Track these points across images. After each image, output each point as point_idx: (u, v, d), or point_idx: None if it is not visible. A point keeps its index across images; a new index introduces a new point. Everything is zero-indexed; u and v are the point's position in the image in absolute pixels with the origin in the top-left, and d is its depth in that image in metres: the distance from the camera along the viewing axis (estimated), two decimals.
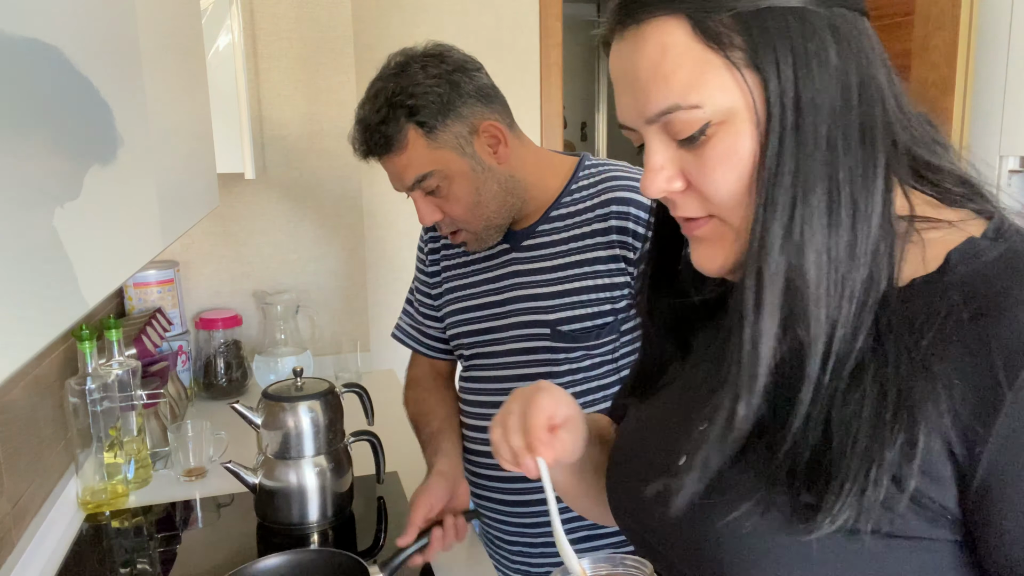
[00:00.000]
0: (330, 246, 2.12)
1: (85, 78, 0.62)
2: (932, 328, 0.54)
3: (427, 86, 1.12)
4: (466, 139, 1.14)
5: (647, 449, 0.72)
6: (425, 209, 1.18)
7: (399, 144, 1.13)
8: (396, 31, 2.42)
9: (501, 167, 1.17)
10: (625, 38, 0.59)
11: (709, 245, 0.62)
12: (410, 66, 1.14)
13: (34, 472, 1.29)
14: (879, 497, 0.52)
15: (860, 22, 0.58)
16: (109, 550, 1.28)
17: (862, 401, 0.54)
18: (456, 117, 1.13)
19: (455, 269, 1.32)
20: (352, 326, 2.17)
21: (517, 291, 1.23)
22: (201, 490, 1.47)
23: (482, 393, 1.29)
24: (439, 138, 1.13)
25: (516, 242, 1.24)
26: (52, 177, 0.55)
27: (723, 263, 0.62)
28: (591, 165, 1.24)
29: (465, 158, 1.14)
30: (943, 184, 0.61)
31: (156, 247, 0.85)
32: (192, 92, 1.19)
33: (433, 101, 1.11)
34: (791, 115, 0.55)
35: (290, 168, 2.05)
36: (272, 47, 1.98)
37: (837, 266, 0.56)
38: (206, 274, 2.05)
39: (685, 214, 0.62)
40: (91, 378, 1.36)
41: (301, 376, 1.31)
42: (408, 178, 1.15)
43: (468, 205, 1.16)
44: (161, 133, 0.92)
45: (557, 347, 1.19)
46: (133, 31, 0.80)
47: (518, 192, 1.20)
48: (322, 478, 1.28)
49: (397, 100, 1.12)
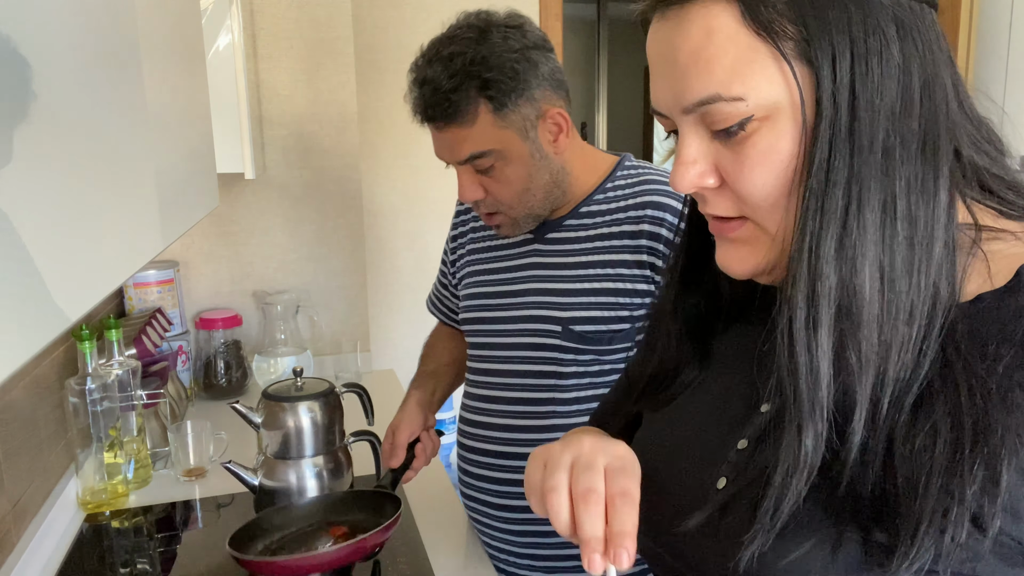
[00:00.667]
0: (330, 246, 2.12)
1: None
2: (1009, 351, 0.50)
3: (507, 59, 1.05)
4: (532, 123, 1.09)
5: (673, 465, 0.67)
6: (469, 185, 1.12)
7: (466, 116, 1.06)
8: (396, 31, 2.42)
9: (556, 157, 1.13)
10: (668, 18, 0.54)
11: (740, 247, 0.58)
12: (491, 34, 1.06)
13: (34, 472, 1.29)
14: (960, 538, 0.48)
15: (927, 15, 0.52)
16: (109, 550, 1.28)
17: (934, 433, 0.50)
18: (528, 98, 1.07)
19: (477, 253, 1.29)
20: (352, 326, 2.17)
21: (533, 283, 1.20)
22: (201, 490, 1.47)
23: (483, 386, 1.26)
24: (507, 117, 1.07)
25: (540, 234, 1.20)
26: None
27: (754, 267, 0.58)
28: (631, 166, 1.20)
29: (527, 143, 1.09)
30: (1003, 194, 0.57)
31: (156, 247, 0.85)
32: (192, 92, 1.19)
33: (510, 77, 1.05)
34: (845, 116, 0.50)
35: (290, 168, 2.05)
36: (272, 47, 1.98)
37: (893, 285, 0.51)
38: (206, 274, 2.05)
39: (716, 212, 0.58)
40: (91, 378, 1.35)
41: (301, 376, 1.31)
42: (463, 152, 1.09)
43: (517, 191, 1.12)
44: (161, 133, 0.92)
45: (567, 347, 1.16)
46: (133, 31, 0.80)
47: (564, 185, 1.16)
48: (322, 478, 1.28)
49: (474, 70, 1.04)
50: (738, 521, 0.57)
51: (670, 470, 0.67)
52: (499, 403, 1.23)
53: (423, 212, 2.53)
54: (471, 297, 1.28)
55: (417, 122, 1.12)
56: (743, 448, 0.60)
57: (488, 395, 1.25)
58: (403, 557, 1.21)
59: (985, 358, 0.51)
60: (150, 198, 0.84)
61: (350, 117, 2.07)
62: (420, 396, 1.28)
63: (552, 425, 1.18)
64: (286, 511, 1.18)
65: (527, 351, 1.20)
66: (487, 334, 1.25)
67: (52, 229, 0.54)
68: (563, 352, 1.16)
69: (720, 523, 0.59)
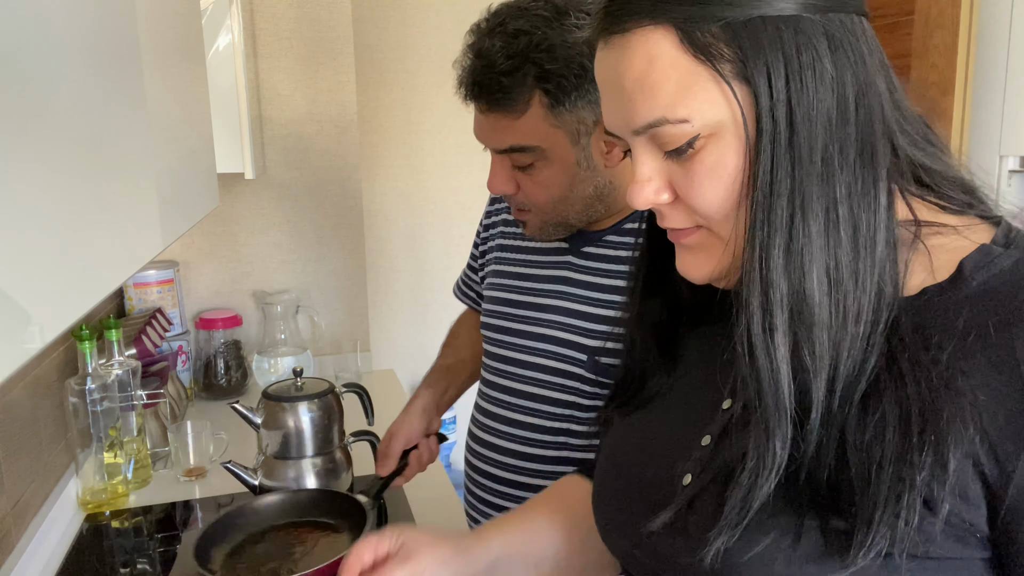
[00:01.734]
0: (330, 246, 2.12)
1: None
2: (952, 341, 0.52)
3: (576, 50, 0.91)
4: (587, 128, 0.96)
5: (641, 464, 0.69)
6: (502, 176, 1.01)
7: (516, 105, 0.94)
8: (396, 31, 2.42)
9: (606, 170, 1.01)
10: (611, 45, 0.57)
11: (697, 253, 0.60)
12: (567, 17, 0.92)
13: (34, 472, 1.29)
14: (913, 522, 0.50)
15: (857, 25, 0.55)
16: (109, 550, 1.28)
17: (883, 423, 0.52)
18: (588, 101, 0.94)
19: (507, 251, 1.17)
20: (352, 326, 2.17)
21: (562, 301, 1.08)
22: (201, 490, 1.47)
23: (495, 403, 1.15)
24: (561, 116, 0.95)
25: (576, 245, 1.08)
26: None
27: (711, 272, 0.60)
28: None
29: (576, 148, 0.97)
30: (942, 189, 0.59)
31: (156, 247, 0.85)
32: (192, 92, 1.19)
33: (574, 72, 0.92)
34: (784, 131, 0.53)
35: (290, 168, 2.05)
36: (272, 47, 1.98)
37: (840, 287, 0.53)
38: (206, 274, 2.05)
39: (673, 225, 0.60)
40: (91, 378, 1.36)
41: (301, 376, 1.31)
42: (504, 141, 0.98)
43: (553, 196, 1.01)
44: (161, 133, 0.92)
45: (590, 379, 1.04)
46: (133, 31, 0.80)
47: (609, 201, 1.04)
48: (322, 478, 1.28)
49: (537, 57, 0.92)
50: (705, 516, 0.59)
51: (638, 469, 0.68)
52: (510, 425, 1.12)
53: (423, 212, 2.53)
54: (493, 301, 1.17)
55: (460, 96, 1.00)
56: (707, 444, 0.62)
57: (500, 414, 1.14)
58: None
59: (929, 349, 0.53)
60: (150, 198, 0.84)
61: (350, 117, 2.07)
62: (427, 400, 1.24)
63: (563, 458, 1.08)
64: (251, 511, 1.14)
65: (547, 375, 1.08)
66: (506, 346, 1.14)
67: (52, 229, 0.54)
68: (586, 384, 1.05)
69: (688, 519, 0.60)
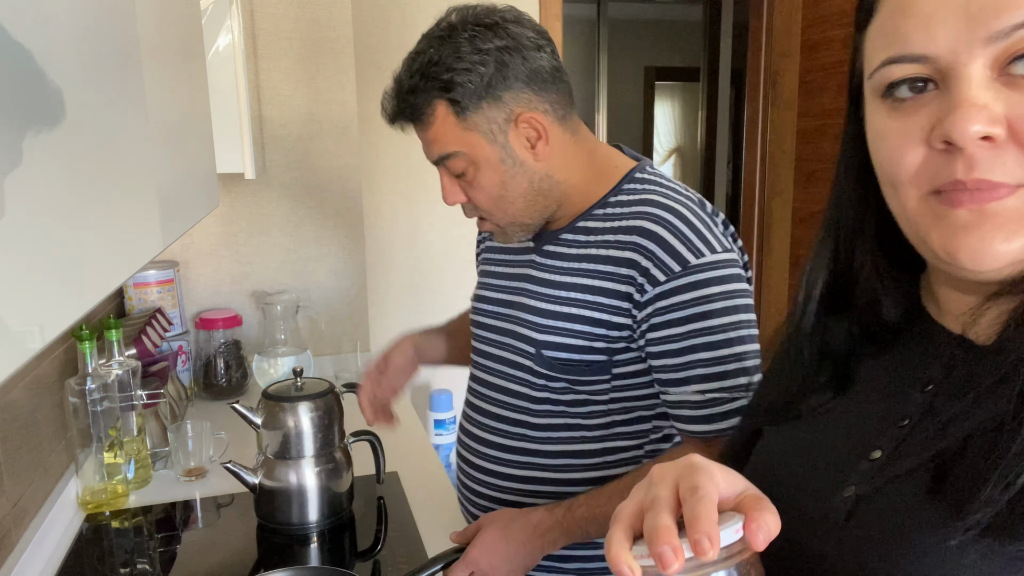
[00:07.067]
0: (330, 246, 2.12)
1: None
2: None
3: (470, 62, 1.00)
4: (500, 127, 1.03)
5: (797, 475, 0.62)
6: (449, 188, 1.10)
7: (426, 118, 1.05)
8: (396, 31, 2.42)
9: (537, 164, 1.06)
10: None
11: (1006, 224, 0.48)
12: (458, 34, 1.01)
13: (34, 472, 1.29)
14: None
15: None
16: (109, 550, 1.28)
17: None
18: (494, 101, 1.02)
19: (492, 252, 1.26)
20: (352, 326, 2.17)
21: (522, 297, 1.14)
22: (201, 490, 1.47)
23: (475, 395, 1.23)
24: (469, 120, 1.03)
25: (539, 244, 1.14)
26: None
27: (1021, 245, 0.49)
28: (640, 179, 1.09)
29: (495, 146, 1.04)
30: None
31: (156, 247, 0.85)
32: (192, 92, 1.19)
33: (472, 80, 1.00)
34: None
35: (290, 168, 2.05)
36: (272, 47, 1.98)
37: None
38: (206, 274, 2.05)
39: (994, 176, 0.48)
40: (91, 378, 1.36)
41: (301, 376, 1.31)
42: (433, 154, 1.08)
43: (492, 196, 1.07)
44: (161, 133, 0.92)
45: (538, 371, 1.09)
46: (133, 31, 0.80)
47: (554, 194, 1.08)
48: (322, 478, 1.28)
49: (433, 72, 1.02)
50: (865, 530, 0.54)
51: (792, 478, 0.62)
52: (482, 415, 1.20)
53: (423, 212, 2.53)
54: (475, 299, 1.26)
55: (386, 123, 1.12)
56: (876, 458, 0.57)
57: (478, 405, 1.22)
58: (403, 556, 1.21)
59: None
60: (150, 198, 0.84)
61: (350, 117, 2.07)
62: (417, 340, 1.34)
63: (523, 448, 1.13)
64: None
65: (505, 367, 1.15)
66: (479, 340, 1.22)
67: (52, 229, 0.54)
68: (534, 376, 1.10)
69: (844, 531, 0.55)
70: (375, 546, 1.27)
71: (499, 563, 1.06)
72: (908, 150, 0.51)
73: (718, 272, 0.99)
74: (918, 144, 0.51)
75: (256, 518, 1.32)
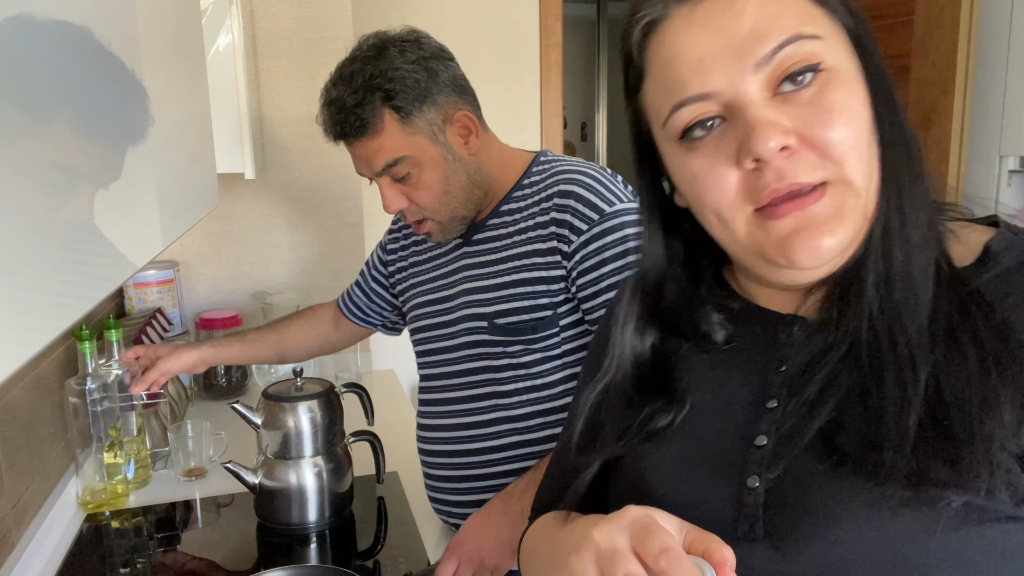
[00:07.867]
0: (330, 246, 2.12)
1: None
2: (1005, 305, 0.54)
3: (405, 71, 1.12)
4: (439, 127, 1.14)
5: (698, 483, 0.62)
6: (391, 195, 1.18)
7: (374, 128, 1.13)
8: None
9: (470, 158, 1.18)
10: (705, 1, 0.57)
11: (828, 220, 0.56)
12: (388, 49, 1.13)
13: (34, 472, 1.29)
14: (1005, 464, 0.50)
15: None
16: (109, 550, 1.28)
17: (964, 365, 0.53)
18: (432, 104, 1.13)
19: (418, 265, 1.33)
20: None
21: (464, 284, 1.23)
22: (201, 490, 1.47)
23: (432, 391, 1.28)
24: (414, 124, 1.13)
25: (468, 236, 1.24)
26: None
27: (846, 238, 0.57)
28: (545, 161, 1.23)
29: (437, 146, 1.15)
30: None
31: (156, 247, 0.85)
32: (192, 92, 1.19)
33: (411, 86, 1.11)
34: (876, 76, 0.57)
35: (290, 168, 2.05)
36: (272, 47, 1.98)
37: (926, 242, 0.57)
38: (206, 274, 2.05)
39: (800, 179, 0.55)
40: (91, 378, 1.36)
41: (301, 376, 1.31)
42: (378, 163, 1.15)
43: (437, 194, 1.16)
44: (161, 133, 0.92)
45: (495, 340, 1.19)
46: (133, 31, 0.80)
47: (483, 184, 1.20)
48: (322, 478, 1.28)
49: (375, 83, 1.11)
50: (789, 513, 0.56)
51: (686, 485, 0.63)
52: (447, 404, 1.25)
53: None
54: (415, 308, 1.31)
55: (331, 142, 1.18)
56: (763, 445, 0.59)
57: (437, 398, 1.27)
58: (403, 556, 1.21)
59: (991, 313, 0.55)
60: (150, 198, 0.84)
61: None
62: (207, 356, 1.40)
63: (497, 418, 1.21)
64: None
65: (463, 350, 1.23)
66: (430, 340, 1.28)
67: (52, 229, 0.54)
68: (492, 346, 1.19)
69: (768, 520, 0.57)
70: (375, 546, 1.27)
71: (484, 540, 1.11)
72: (723, 176, 0.57)
73: (631, 217, 1.12)
74: (731, 168, 0.57)
75: (256, 518, 1.32)
